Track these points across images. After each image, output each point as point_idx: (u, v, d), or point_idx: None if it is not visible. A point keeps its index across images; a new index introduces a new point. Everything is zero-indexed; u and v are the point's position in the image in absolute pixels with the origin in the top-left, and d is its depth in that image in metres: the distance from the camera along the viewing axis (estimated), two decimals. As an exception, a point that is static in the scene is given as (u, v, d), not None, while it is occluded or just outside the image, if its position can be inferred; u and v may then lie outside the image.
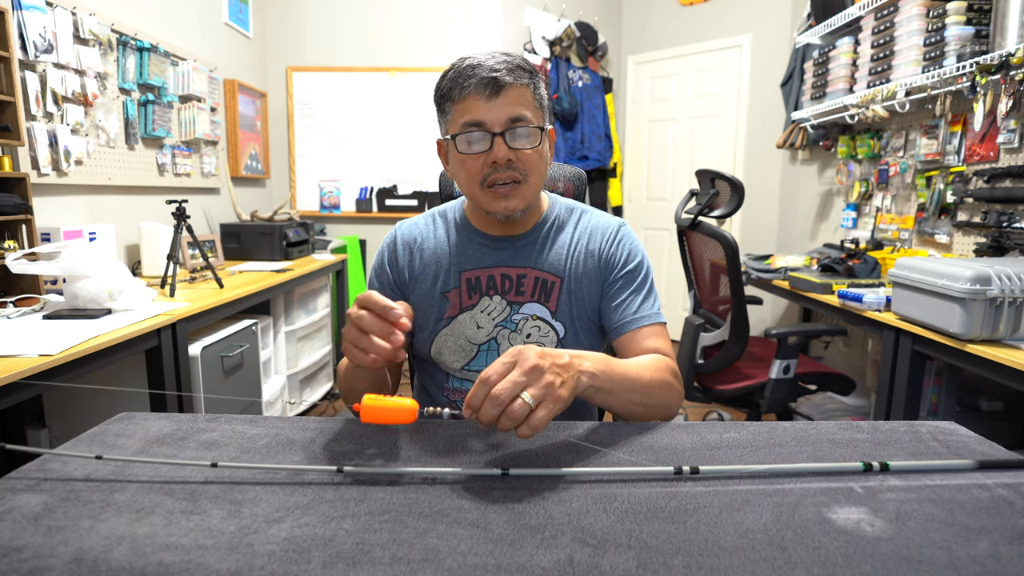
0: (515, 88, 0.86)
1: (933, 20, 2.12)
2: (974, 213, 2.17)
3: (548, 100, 0.94)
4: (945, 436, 0.73)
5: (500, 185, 0.89)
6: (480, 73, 0.85)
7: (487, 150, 0.87)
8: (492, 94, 0.85)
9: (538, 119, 0.90)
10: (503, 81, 0.85)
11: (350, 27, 3.58)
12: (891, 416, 1.78)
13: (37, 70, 1.85)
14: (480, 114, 0.86)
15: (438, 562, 0.46)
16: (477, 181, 0.90)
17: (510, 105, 0.86)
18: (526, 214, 0.96)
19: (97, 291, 1.58)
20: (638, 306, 0.96)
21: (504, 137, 0.86)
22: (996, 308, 1.41)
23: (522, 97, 0.87)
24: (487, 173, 0.88)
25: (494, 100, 0.85)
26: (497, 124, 0.86)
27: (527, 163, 0.89)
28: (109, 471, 0.62)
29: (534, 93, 0.89)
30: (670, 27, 4.12)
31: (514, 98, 0.86)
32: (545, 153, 0.93)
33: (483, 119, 0.86)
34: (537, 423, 0.60)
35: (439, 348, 1.00)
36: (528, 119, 0.87)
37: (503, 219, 0.94)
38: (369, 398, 0.64)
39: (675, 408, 0.87)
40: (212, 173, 2.94)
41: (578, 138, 3.95)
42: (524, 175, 0.89)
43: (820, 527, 0.51)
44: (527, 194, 0.91)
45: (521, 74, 0.87)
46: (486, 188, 0.90)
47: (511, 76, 0.85)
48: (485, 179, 0.89)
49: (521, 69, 0.87)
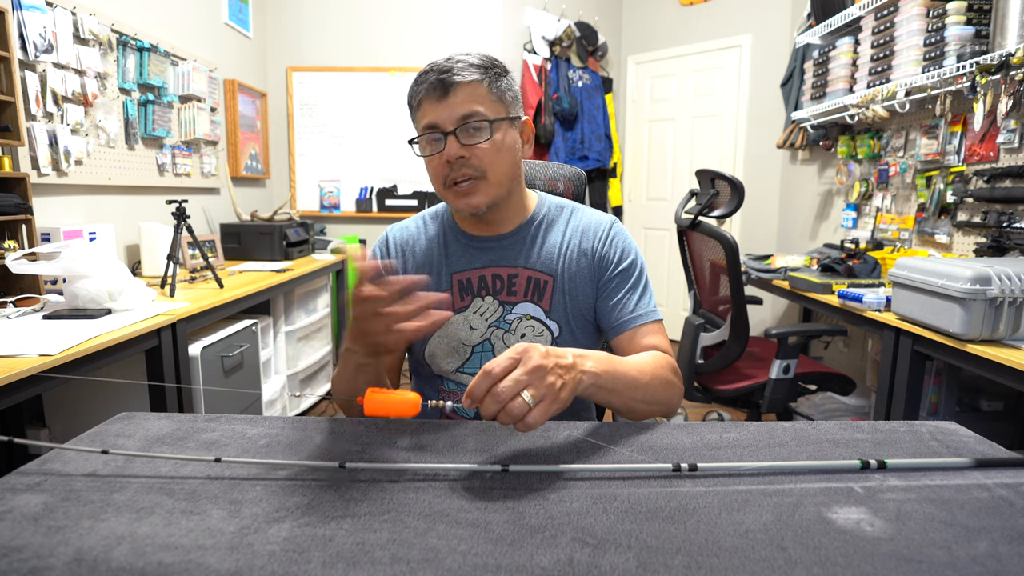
0: (464, 86, 0.87)
1: (933, 20, 2.12)
2: (974, 213, 2.17)
3: (515, 92, 0.94)
4: (945, 436, 0.73)
5: (461, 183, 0.90)
6: (430, 77, 0.87)
7: (442, 150, 0.88)
8: (441, 95, 0.87)
9: (495, 112, 0.90)
10: (450, 81, 0.86)
11: (350, 27, 3.58)
12: (891, 416, 1.78)
13: (37, 70, 1.85)
14: (432, 116, 0.88)
15: (438, 562, 0.46)
16: (441, 182, 0.91)
17: (459, 104, 0.87)
18: (502, 210, 0.96)
19: (97, 291, 1.58)
20: (635, 304, 0.96)
21: (457, 135, 0.87)
22: (996, 308, 1.41)
23: (473, 94, 0.88)
24: (447, 173, 0.89)
25: (444, 100, 0.87)
26: (448, 123, 0.87)
27: (482, 158, 0.89)
28: (109, 471, 0.62)
29: (490, 87, 0.89)
30: (670, 27, 4.12)
31: (463, 96, 0.87)
32: (508, 145, 0.91)
33: (435, 120, 0.88)
34: (533, 422, 0.61)
35: (432, 351, 1.00)
36: (480, 114, 0.88)
37: (471, 217, 0.95)
38: (373, 391, 0.65)
39: (676, 405, 0.88)
40: (212, 173, 2.94)
41: (578, 138, 3.95)
42: (480, 171, 0.89)
43: (820, 527, 0.51)
44: (489, 190, 0.91)
45: (473, 71, 0.88)
46: (449, 188, 0.91)
47: (460, 75, 0.87)
48: (447, 179, 0.90)
49: (473, 66, 0.88)
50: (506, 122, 0.91)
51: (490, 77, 0.89)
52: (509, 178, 0.94)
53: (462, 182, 0.89)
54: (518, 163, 0.96)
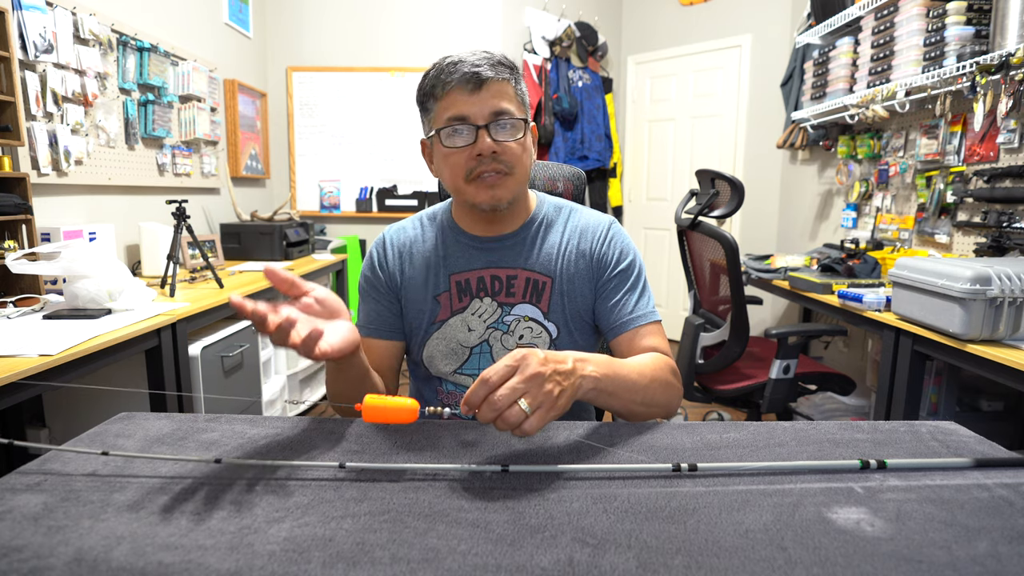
0: (497, 83, 0.87)
1: (933, 20, 2.12)
2: (974, 213, 2.17)
3: (528, 98, 0.95)
4: (945, 436, 0.73)
5: (487, 175, 0.89)
6: (462, 68, 0.86)
7: (472, 143, 0.87)
8: (475, 88, 0.86)
9: (521, 113, 0.91)
10: (485, 75, 0.86)
11: (350, 27, 3.58)
12: (891, 416, 1.78)
13: (37, 70, 1.85)
14: (464, 108, 0.87)
15: (438, 562, 0.46)
16: (462, 175, 0.90)
17: (493, 99, 0.87)
18: (512, 209, 0.96)
19: (97, 291, 1.58)
20: (634, 305, 0.96)
21: (488, 130, 0.87)
22: (996, 308, 1.41)
23: (504, 91, 0.88)
24: (472, 166, 0.88)
25: (477, 94, 0.86)
26: (481, 117, 0.87)
27: (511, 155, 0.89)
28: (109, 471, 0.62)
29: (515, 88, 0.90)
30: (670, 27, 4.12)
31: (496, 92, 0.87)
32: (528, 147, 0.93)
33: (467, 113, 0.87)
34: (530, 429, 0.61)
35: (431, 352, 0.99)
36: (511, 112, 0.88)
37: (489, 211, 0.92)
38: (371, 398, 0.64)
39: (675, 407, 0.88)
40: (212, 173, 2.94)
41: (578, 138, 3.95)
42: (509, 167, 0.89)
43: (820, 527, 0.51)
44: (513, 186, 0.91)
45: (502, 69, 0.88)
46: (471, 180, 0.90)
47: (492, 71, 0.87)
48: (471, 172, 0.89)
49: (501, 65, 0.88)
50: (528, 124, 0.92)
51: (515, 78, 0.91)
52: (527, 178, 0.95)
53: (489, 175, 0.89)
54: (533, 164, 0.98)
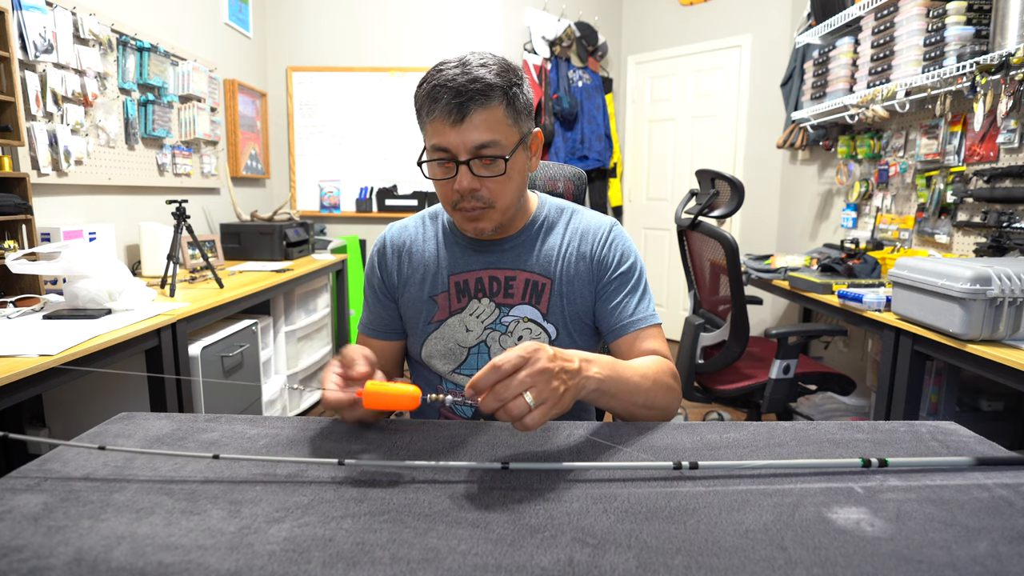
0: (482, 112, 0.81)
1: (933, 20, 2.12)
2: (974, 213, 2.17)
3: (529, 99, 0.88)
4: (945, 436, 0.73)
5: (467, 211, 0.88)
6: (446, 97, 0.80)
7: (452, 176, 0.85)
8: (457, 120, 0.81)
9: (510, 138, 0.85)
10: (467, 108, 0.80)
11: (350, 27, 3.58)
12: (891, 416, 1.78)
13: (37, 70, 1.85)
14: (445, 139, 0.83)
15: (438, 562, 0.46)
16: (449, 204, 0.90)
17: (475, 131, 0.82)
18: (500, 231, 0.96)
19: (97, 291, 1.58)
20: (634, 308, 0.96)
21: (469, 165, 0.83)
22: (996, 308, 1.41)
23: (490, 119, 0.82)
24: (455, 199, 0.87)
25: (459, 126, 0.81)
26: (462, 151, 0.83)
27: (491, 192, 0.86)
28: (109, 471, 0.62)
29: (507, 109, 0.84)
30: (670, 27, 4.12)
31: (480, 123, 0.81)
32: (519, 170, 0.89)
33: (448, 145, 0.83)
34: (532, 423, 0.61)
35: (429, 352, 1.00)
36: (496, 143, 0.83)
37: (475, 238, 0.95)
38: (372, 384, 0.65)
39: (674, 410, 0.88)
40: (212, 173, 2.94)
41: (578, 138, 3.95)
42: (490, 202, 0.88)
43: (820, 527, 0.51)
44: (496, 217, 0.90)
45: (493, 91, 0.81)
46: (457, 210, 0.89)
47: (480, 97, 0.80)
48: (455, 204, 0.88)
49: (491, 85, 0.81)
50: (520, 147, 0.88)
51: (508, 96, 0.83)
52: (517, 201, 0.93)
53: (470, 210, 0.88)
54: (526, 181, 0.95)
